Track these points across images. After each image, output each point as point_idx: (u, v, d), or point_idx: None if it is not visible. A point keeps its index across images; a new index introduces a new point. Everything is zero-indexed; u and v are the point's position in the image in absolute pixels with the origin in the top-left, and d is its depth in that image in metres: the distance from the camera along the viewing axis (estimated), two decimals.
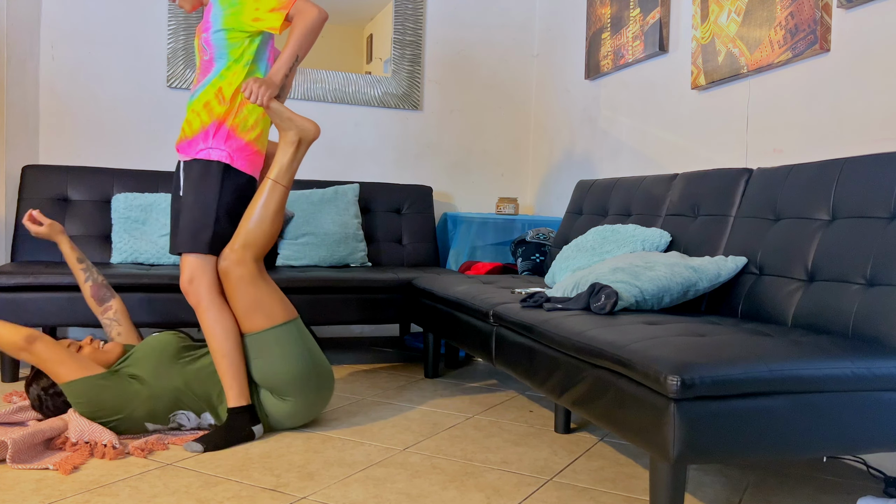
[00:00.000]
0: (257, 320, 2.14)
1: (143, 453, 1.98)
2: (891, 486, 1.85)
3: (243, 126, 2.21)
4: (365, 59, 4.02)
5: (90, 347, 2.21)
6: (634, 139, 3.32)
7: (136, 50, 3.61)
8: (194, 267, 2.16)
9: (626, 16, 3.29)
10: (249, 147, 2.23)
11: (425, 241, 3.79)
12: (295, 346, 2.16)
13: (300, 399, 2.19)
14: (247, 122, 2.22)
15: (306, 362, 2.17)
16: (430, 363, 3.04)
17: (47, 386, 2.14)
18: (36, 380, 2.16)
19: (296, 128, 2.18)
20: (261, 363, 2.15)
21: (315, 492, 1.78)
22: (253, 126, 2.23)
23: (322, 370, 2.23)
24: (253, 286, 2.13)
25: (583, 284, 2.16)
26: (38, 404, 2.16)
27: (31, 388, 2.16)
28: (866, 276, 1.74)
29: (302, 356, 2.16)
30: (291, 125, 2.18)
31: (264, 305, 2.14)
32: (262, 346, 2.14)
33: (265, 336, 2.14)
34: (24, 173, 3.26)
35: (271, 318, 2.14)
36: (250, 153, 2.23)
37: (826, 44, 2.25)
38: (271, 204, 2.17)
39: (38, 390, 2.15)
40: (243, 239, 2.14)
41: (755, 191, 2.23)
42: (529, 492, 1.82)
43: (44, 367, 2.05)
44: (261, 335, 2.14)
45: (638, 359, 1.48)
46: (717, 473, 1.99)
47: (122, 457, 1.97)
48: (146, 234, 3.20)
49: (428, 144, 4.13)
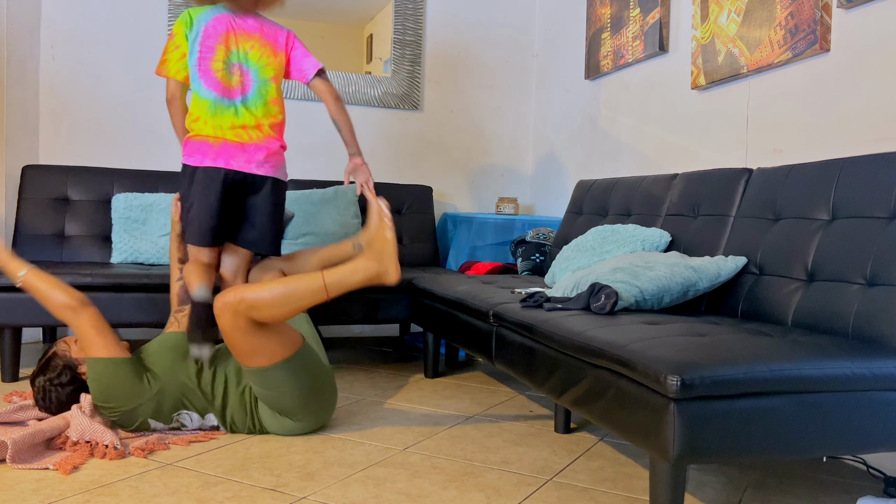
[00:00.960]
0: (258, 360, 2.06)
1: (143, 453, 1.98)
2: (891, 486, 1.85)
3: None
4: (365, 59, 4.03)
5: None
6: (634, 139, 3.32)
7: (136, 50, 3.61)
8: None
9: (626, 16, 3.29)
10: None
11: (425, 241, 3.79)
12: (297, 378, 2.09)
13: (305, 418, 2.17)
14: None
15: (310, 389, 2.13)
16: (430, 363, 3.04)
17: (54, 377, 2.13)
18: (44, 370, 2.15)
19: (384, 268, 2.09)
20: (263, 392, 2.12)
21: (315, 492, 1.78)
22: None
23: (326, 388, 2.19)
24: (249, 335, 2.02)
25: (583, 284, 2.16)
26: (41, 396, 2.13)
27: (38, 379, 2.14)
28: (866, 276, 1.74)
29: (304, 385, 2.11)
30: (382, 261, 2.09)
31: (262, 349, 2.04)
32: (265, 379, 2.08)
33: (268, 372, 2.07)
34: (24, 173, 3.26)
35: (271, 357, 2.06)
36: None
37: (826, 44, 2.25)
38: (303, 303, 2.03)
39: (44, 381, 2.13)
40: (255, 302, 1.98)
41: (755, 191, 2.23)
42: (529, 492, 1.82)
43: (82, 335, 2.06)
44: (264, 371, 2.08)
45: (638, 359, 1.48)
46: (717, 473, 1.99)
47: (122, 457, 1.97)
48: (146, 234, 3.20)
49: (428, 144, 4.13)
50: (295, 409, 2.14)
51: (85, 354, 2.09)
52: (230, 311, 1.98)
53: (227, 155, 2.34)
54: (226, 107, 2.36)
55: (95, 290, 2.75)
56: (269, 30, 2.45)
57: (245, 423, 2.18)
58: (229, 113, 2.36)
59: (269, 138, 2.41)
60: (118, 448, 1.98)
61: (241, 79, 2.39)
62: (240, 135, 2.36)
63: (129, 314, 2.77)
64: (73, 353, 2.17)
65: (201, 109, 2.36)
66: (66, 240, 3.23)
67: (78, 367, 2.15)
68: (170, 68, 2.40)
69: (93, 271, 2.78)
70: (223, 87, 2.36)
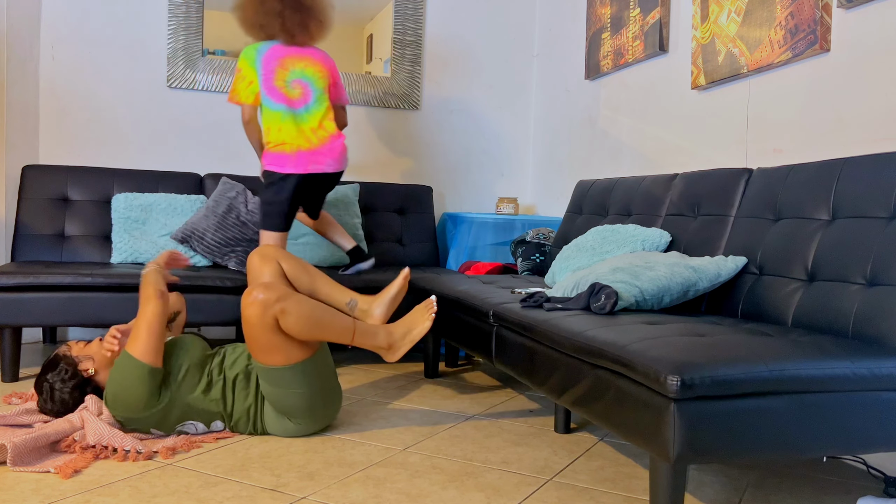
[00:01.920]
0: (275, 358, 2.09)
1: (171, 453, 1.98)
2: (891, 486, 1.85)
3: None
4: (365, 59, 4.02)
5: (98, 342, 2.20)
6: (634, 139, 3.32)
7: (136, 50, 3.61)
8: None
9: (626, 16, 3.29)
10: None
11: (425, 241, 3.79)
12: (308, 382, 2.12)
13: (307, 421, 2.18)
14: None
15: (319, 393, 2.15)
16: (430, 363, 3.04)
17: (56, 375, 2.13)
18: (47, 370, 2.15)
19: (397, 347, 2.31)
20: (271, 390, 2.13)
21: (315, 492, 1.78)
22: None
23: (333, 394, 2.22)
24: (273, 333, 2.07)
25: (583, 284, 2.16)
26: (46, 396, 2.13)
27: (47, 376, 2.14)
28: (866, 276, 1.74)
29: (314, 390, 2.13)
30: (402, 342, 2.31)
31: (281, 348, 2.08)
32: (276, 378, 2.10)
33: (281, 372, 2.10)
34: (24, 173, 3.26)
35: (288, 358, 2.09)
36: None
37: (826, 44, 2.25)
38: (328, 335, 2.14)
39: (51, 379, 2.13)
40: (291, 310, 2.05)
41: (755, 191, 2.23)
42: (529, 492, 1.82)
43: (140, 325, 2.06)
44: (276, 370, 2.10)
45: (638, 359, 1.48)
46: (717, 473, 1.99)
47: (149, 459, 1.96)
48: (146, 234, 3.20)
49: (428, 144, 4.13)
50: (301, 411, 2.14)
51: (128, 347, 2.05)
52: (262, 305, 2.03)
53: (305, 161, 2.80)
54: (293, 115, 2.82)
55: (95, 290, 2.75)
56: (316, 52, 2.93)
57: (247, 427, 2.19)
58: (297, 119, 2.82)
59: (331, 136, 2.87)
60: (142, 452, 1.96)
61: (301, 91, 2.84)
62: (309, 139, 2.82)
63: (129, 314, 2.77)
64: (73, 353, 2.17)
65: (273, 121, 2.82)
66: (66, 240, 3.23)
67: (79, 365, 2.15)
68: (240, 95, 2.84)
69: (93, 271, 2.78)
70: (288, 100, 2.82)
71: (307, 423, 2.18)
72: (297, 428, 2.18)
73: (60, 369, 2.13)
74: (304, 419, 2.17)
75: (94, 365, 2.16)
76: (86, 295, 2.75)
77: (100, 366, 2.16)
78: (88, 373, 2.14)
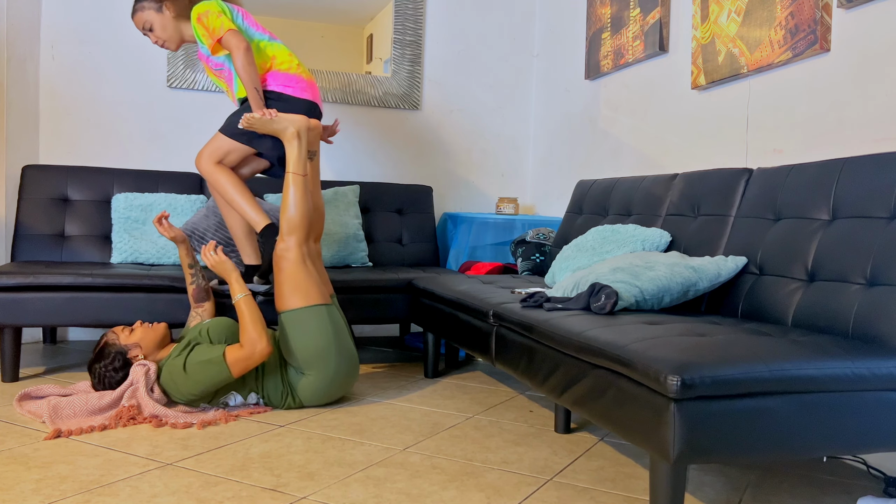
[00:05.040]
0: (294, 299, 2.41)
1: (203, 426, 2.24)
2: (891, 486, 1.85)
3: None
4: (365, 59, 4.03)
5: (141, 328, 2.44)
6: (634, 139, 3.32)
7: (136, 50, 3.61)
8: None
9: (626, 16, 3.29)
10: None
11: (425, 241, 3.79)
12: (321, 326, 2.41)
13: (318, 374, 2.41)
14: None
15: (328, 341, 2.41)
16: (430, 363, 3.04)
17: (108, 363, 2.36)
18: (99, 358, 2.38)
19: (289, 124, 2.55)
20: (289, 339, 2.40)
21: (315, 492, 1.78)
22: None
23: (345, 352, 2.46)
24: (296, 268, 2.43)
25: (583, 284, 2.16)
26: (98, 381, 2.37)
27: (95, 366, 2.37)
28: (866, 276, 1.74)
29: (325, 335, 2.40)
30: (285, 124, 2.56)
31: (302, 287, 2.42)
32: (294, 323, 2.40)
33: (298, 313, 2.41)
34: (24, 173, 3.26)
35: (307, 298, 2.42)
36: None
37: (826, 44, 2.25)
38: (297, 192, 2.49)
39: (100, 367, 2.37)
40: (286, 227, 2.47)
41: (755, 191, 2.23)
42: (529, 492, 1.82)
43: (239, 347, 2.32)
44: (294, 312, 2.41)
45: (638, 359, 1.48)
46: (717, 473, 1.99)
47: (188, 427, 2.22)
48: (146, 234, 3.20)
49: (428, 144, 4.13)
50: (315, 358, 2.39)
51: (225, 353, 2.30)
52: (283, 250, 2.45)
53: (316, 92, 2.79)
54: (282, 44, 2.78)
55: (95, 290, 2.75)
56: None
57: (277, 393, 2.44)
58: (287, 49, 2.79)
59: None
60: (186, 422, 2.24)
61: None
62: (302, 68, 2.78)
63: (129, 314, 2.77)
64: (122, 341, 2.40)
65: (270, 48, 2.74)
66: (66, 240, 3.23)
67: (128, 353, 2.38)
68: (225, 25, 2.62)
69: (93, 271, 2.78)
70: (269, 33, 2.78)
71: (323, 372, 2.41)
72: (308, 383, 2.42)
73: (113, 358, 2.37)
74: (319, 369, 2.40)
75: (142, 351, 2.40)
76: (86, 295, 2.75)
77: (147, 350, 2.41)
78: (138, 359, 2.39)
